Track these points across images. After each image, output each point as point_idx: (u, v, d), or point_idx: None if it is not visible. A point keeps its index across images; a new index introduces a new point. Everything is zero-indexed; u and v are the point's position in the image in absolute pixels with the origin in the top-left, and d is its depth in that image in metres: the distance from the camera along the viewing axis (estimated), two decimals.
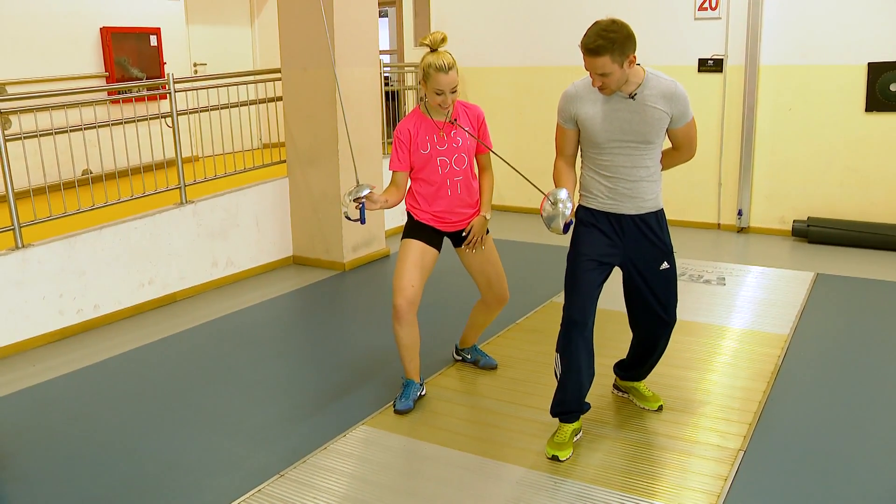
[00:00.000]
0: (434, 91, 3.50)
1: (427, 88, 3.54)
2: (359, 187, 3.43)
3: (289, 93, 6.39)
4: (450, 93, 3.50)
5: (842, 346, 4.58)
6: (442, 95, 3.50)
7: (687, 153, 3.30)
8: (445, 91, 3.49)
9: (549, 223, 3.08)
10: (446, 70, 3.45)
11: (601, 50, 2.90)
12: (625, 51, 2.93)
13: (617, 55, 2.92)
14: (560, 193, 3.07)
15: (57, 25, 7.06)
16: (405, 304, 3.66)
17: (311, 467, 3.30)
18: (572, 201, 3.10)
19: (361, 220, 3.48)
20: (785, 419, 3.63)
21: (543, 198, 3.09)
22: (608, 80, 2.98)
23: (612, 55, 2.91)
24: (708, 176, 7.57)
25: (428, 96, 3.58)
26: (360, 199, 3.42)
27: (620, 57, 2.93)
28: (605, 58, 2.92)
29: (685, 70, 7.42)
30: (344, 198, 3.47)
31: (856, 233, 6.77)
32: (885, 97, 6.64)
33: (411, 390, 3.81)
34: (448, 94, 3.50)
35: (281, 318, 5.52)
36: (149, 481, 3.27)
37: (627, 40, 2.93)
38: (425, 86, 3.55)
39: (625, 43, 2.92)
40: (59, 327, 4.99)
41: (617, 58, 2.92)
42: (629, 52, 2.95)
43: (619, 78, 2.99)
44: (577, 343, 3.19)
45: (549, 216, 3.08)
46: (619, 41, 2.91)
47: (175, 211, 5.70)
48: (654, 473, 3.17)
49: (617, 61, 2.93)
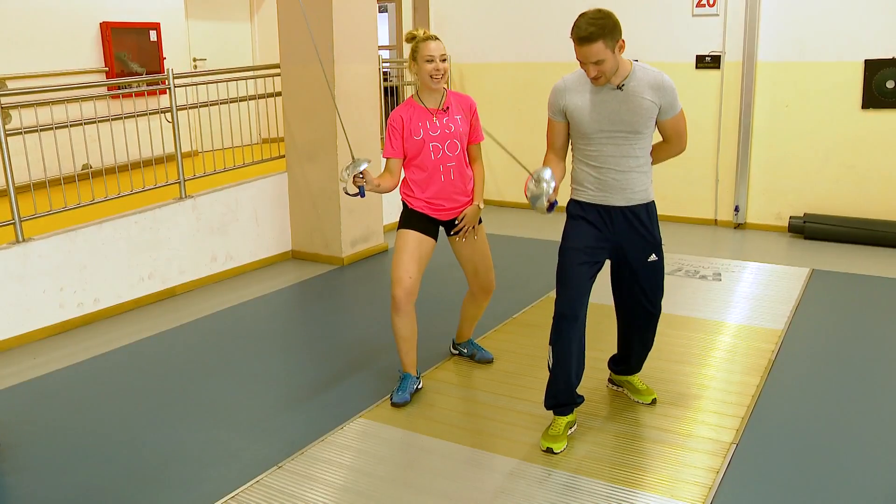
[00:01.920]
0: (425, 59, 3.60)
1: (418, 65, 3.63)
2: (356, 162, 3.47)
3: (288, 88, 6.42)
4: (440, 60, 3.59)
5: (835, 342, 4.62)
6: (433, 63, 3.59)
7: (677, 146, 3.34)
8: (435, 57, 3.59)
9: (533, 203, 3.12)
10: (433, 38, 3.60)
11: (594, 36, 2.97)
12: (615, 36, 3.01)
13: (609, 40, 2.99)
14: (544, 173, 3.10)
15: (57, 20, 7.09)
16: (403, 294, 3.71)
17: (309, 459, 3.34)
18: (556, 181, 3.13)
19: (361, 194, 3.53)
20: (777, 413, 3.67)
21: (528, 178, 3.13)
22: (603, 67, 3.04)
23: (604, 40, 2.98)
24: (705, 172, 7.61)
25: (420, 72, 3.65)
26: (358, 174, 3.47)
27: (612, 42, 3.00)
28: (599, 44, 2.98)
29: (683, 66, 7.46)
30: (342, 173, 3.52)
31: (851, 229, 6.81)
32: (881, 94, 6.67)
33: (408, 383, 3.85)
34: (438, 61, 3.59)
35: (279, 313, 5.56)
36: (149, 472, 3.31)
37: (616, 26, 3.02)
38: (415, 64, 3.64)
39: (614, 28, 3.01)
40: (60, 321, 5.03)
41: (609, 43, 2.99)
42: (618, 37, 3.03)
43: (612, 65, 3.05)
44: (569, 336, 3.23)
45: (534, 195, 3.11)
46: (609, 26, 2.99)
47: (175, 205, 5.73)
48: (646, 466, 3.21)
49: (609, 47, 3.00)
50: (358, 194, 3.53)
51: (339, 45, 6.04)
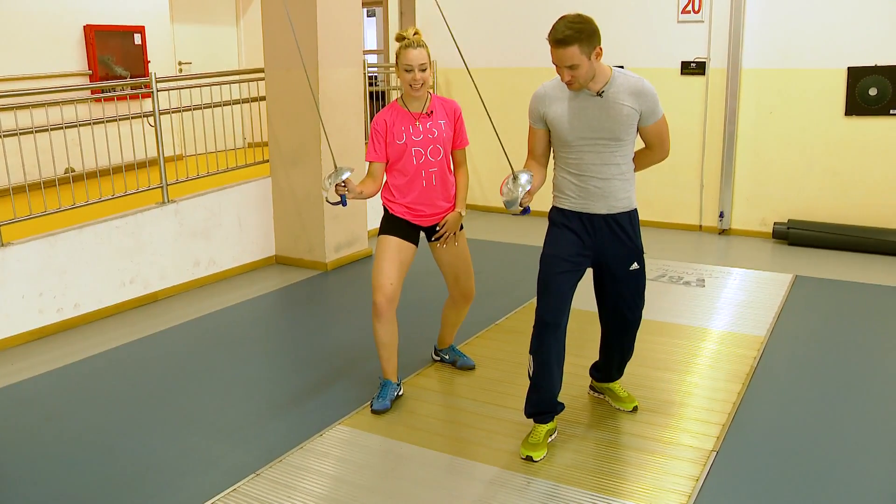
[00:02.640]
0: (404, 68, 3.58)
1: (399, 71, 3.61)
2: (338, 171, 3.46)
3: (272, 93, 6.40)
4: (418, 70, 3.56)
5: (816, 348, 4.62)
6: (411, 73, 3.56)
7: (660, 153, 3.31)
8: (414, 67, 3.55)
9: (508, 205, 3.12)
10: (414, 46, 3.55)
11: (569, 40, 2.95)
12: (592, 42, 2.98)
13: (585, 46, 2.96)
14: (521, 177, 3.10)
15: (40, 23, 7.04)
16: (385, 301, 3.69)
17: (287, 466, 3.31)
18: (532, 185, 3.12)
19: (343, 203, 3.51)
20: (758, 420, 3.67)
21: (504, 179, 3.12)
22: (576, 72, 3.01)
23: (580, 45, 2.95)
24: (690, 178, 7.62)
25: (400, 78, 3.63)
26: (341, 184, 3.45)
27: (588, 48, 2.97)
28: (574, 48, 2.95)
29: (668, 72, 7.47)
30: (324, 181, 3.51)
31: (835, 235, 6.83)
32: (864, 101, 6.70)
33: (388, 390, 3.82)
34: (417, 72, 3.56)
35: (262, 318, 5.52)
36: (124, 481, 3.27)
37: (594, 33, 2.99)
38: (398, 70, 3.62)
39: (592, 35, 2.98)
40: (39, 326, 4.98)
41: (585, 48, 2.96)
42: (596, 44, 2.99)
43: (587, 71, 3.02)
44: (549, 344, 3.22)
45: (509, 197, 3.10)
46: (586, 31, 2.96)
47: (157, 210, 5.69)
48: (625, 474, 3.20)
49: (585, 52, 2.97)
50: (340, 203, 3.52)
51: (323, 49, 6.02)
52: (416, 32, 3.63)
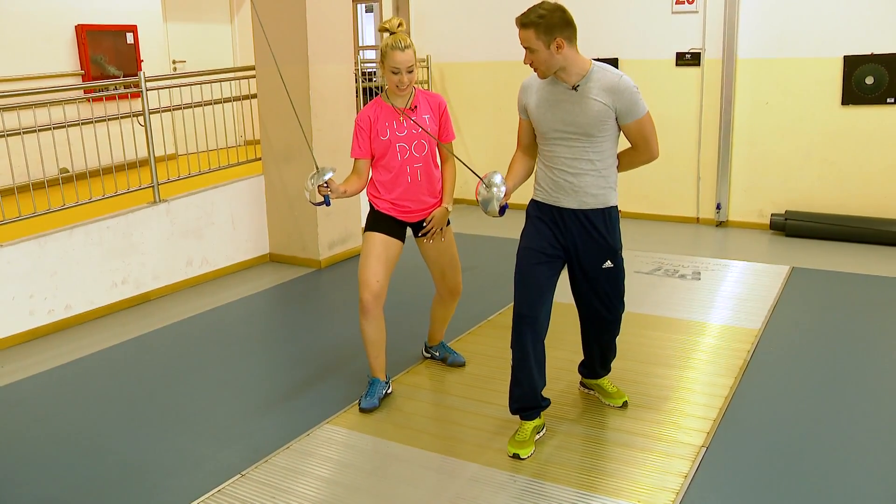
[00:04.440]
0: (391, 70, 3.53)
1: (385, 70, 3.57)
2: (320, 171, 3.44)
3: (263, 90, 6.36)
4: (406, 72, 3.52)
5: (811, 341, 4.58)
6: (398, 75, 3.52)
7: (645, 153, 3.20)
8: (401, 70, 3.51)
9: (484, 207, 3.13)
10: (402, 48, 3.50)
11: (528, 24, 2.97)
12: (552, 31, 2.95)
13: (542, 33, 2.95)
14: (494, 177, 3.10)
15: (32, 23, 7.01)
16: (371, 298, 3.67)
17: (273, 467, 3.29)
18: (507, 186, 3.13)
19: (326, 203, 3.49)
20: (749, 415, 3.63)
21: (478, 182, 3.10)
22: (534, 57, 3.02)
23: (536, 30, 2.95)
24: (687, 170, 7.57)
25: (386, 78, 3.60)
26: (323, 185, 3.43)
27: (546, 36, 2.95)
28: (530, 31, 2.96)
29: (663, 64, 7.41)
30: (307, 182, 3.48)
31: (832, 226, 6.78)
32: (860, 90, 6.64)
33: (376, 388, 3.80)
34: (404, 74, 3.52)
35: (254, 317, 5.50)
36: (109, 482, 3.25)
37: (559, 24, 2.96)
38: (383, 67, 3.58)
39: (554, 24, 2.95)
40: (30, 328, 4.96)
41: (542, 36, 2.95)
42: (556, 34, 2.96)
43: (545, 59, 3.00)
44: (527, 337, 3.18)
45: (484, 200, 3.11)
46: (548, 18, 2.94)
47: (148, 210, 5.67)
48: (613, 470, 3.17)
49: (542, 39, 2.96)
50: (323, 203, 3.49)
51: (313, 45, 5.98)
52: (400, 24, 3.58)
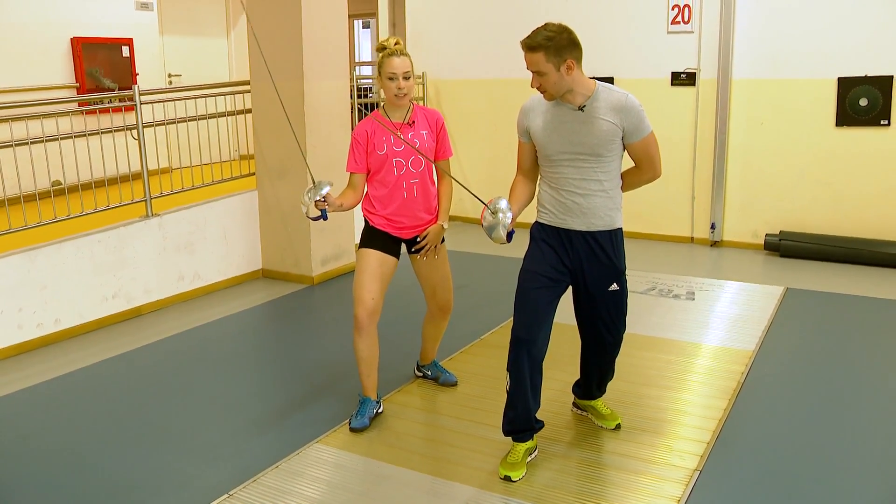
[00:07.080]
0: (387, 76, 3.52)
1: (382, 80, 3.56)
2: (317, 186, 3.41)
3: (258, 105, 6.35)
4: (402, 78, 3.51)
5: (805, 363, 4.55)
6: (395, 80, 3.51)
7: (649, 172, 3.20)
8: (398, 74, 3.50)
9: (489, 233, 3.07)
10: (398, 54, 3.51)
11: (537, 46, 2.94)
12: (561, 53, 2.93)
13: (552, 55, 2.92)
14: (500, 203, 3.06)
15: (27, 35, 6.98)
16: (366, 315, 3.64)
17: (262, 487, 3.24)
18: (513, 211, 3.08)
19: (323, 217, 3.47)
20: (743, 438, 3.59)
21: (483, 208, 3.07)
22: (544, 80, 2.99)
23: (546, 53, 2.92)
24: (681, 189, 7.57)
25: (384, 87, 3.59)
26: (320, 199, 3.40)
27: (556, 58, 2.93)
28: (540, 55, 2.94)
29: (658, 83, 7.43)
30: (303, 197, 3.45)
31: (827, 247, 6.77)
32: (854, 112, 6.66)
33: (367, 408, 3.76)
34: (400, 80, 3.51)
35: (245, 333, 5.45)
36: (95, 501, 3.20)
37: (568, 45, 2.94)
38: (381, 79, 3.57)
39: (563, 46, 2.93)
40: (18, 342, 4.91)
41: (552, 58, 2.93)
42: (566, 56, 2.94)
43: (555, 81, 2.98)
44: (523, 361, 3.15)
45: (490, 226, 3.06)
46: (556, 41, 2.92)
47: (140, 224, 5.63)
48: (605, 494, 3.13)
49: (552, 62, 2.93)
50: (320, 218, 3.47)
51: (308, 60, 5.97)
52: (397, 42, 3.58)
